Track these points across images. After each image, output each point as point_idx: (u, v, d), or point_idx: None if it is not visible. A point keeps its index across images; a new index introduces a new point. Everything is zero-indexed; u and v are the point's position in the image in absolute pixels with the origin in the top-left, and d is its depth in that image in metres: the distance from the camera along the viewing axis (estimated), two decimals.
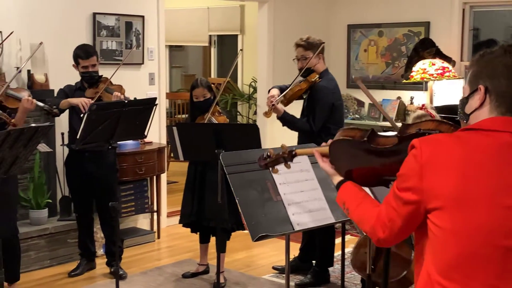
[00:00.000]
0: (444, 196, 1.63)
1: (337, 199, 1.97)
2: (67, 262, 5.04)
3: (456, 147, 1.66)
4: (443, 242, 1.65)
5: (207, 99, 4.56)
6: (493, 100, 1.68)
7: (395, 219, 1.72)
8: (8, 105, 4.02)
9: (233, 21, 8.98)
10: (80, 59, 4.59)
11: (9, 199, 4.13)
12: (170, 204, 6.27)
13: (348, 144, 1.96)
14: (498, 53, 1.70)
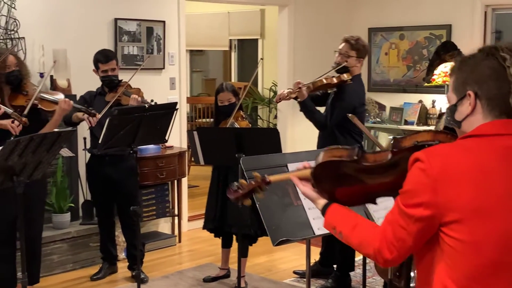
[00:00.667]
0: (461, 208, 1.59)
1: (325, 225, 1.88)
2: (90, 265, 5.07)
3: (464, 157, 1.62)
4: (462, 254, 1.61)
5: (231, 104, 4.56)
6: (484, 105, 1.66)
7: (405, 238, 1.65)
8: (44, 107, 4.08)
9: (254, 25, 9.00)
10: (100, 64, 4.63)
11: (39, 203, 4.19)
12: (191, 208, 6.29)
13: (337, 165, 1.86)
14: (480, 57, 1.68)
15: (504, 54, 1.64)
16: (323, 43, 7.10)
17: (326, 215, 1.87)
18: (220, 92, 4.59)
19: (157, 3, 5.88)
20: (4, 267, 4.13)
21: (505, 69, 1.62)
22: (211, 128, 4.62)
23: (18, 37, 4.97)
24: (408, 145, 1.80)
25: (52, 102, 4.12)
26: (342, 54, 4.53)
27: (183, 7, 6.10)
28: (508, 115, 1.65)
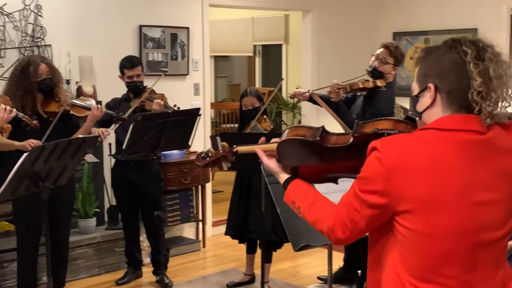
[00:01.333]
0: (414, 199, 1.60)
1: (285, 198, 1.91)
2: (115, 270, 5.11)
3: (421, 149, 1.62)
4: (414, 244, 1.63)
5: (255, 108, 4.58)
6: (444, 98, 1.66)
7: (358, 220, 1.68)
8: (76, 113, 4.14)
9: (278, 30, 9.01)
10: (125, 69, 4.68)
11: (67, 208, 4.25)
12: (215, 213, 6.31)
13: (299, 143, 1.88)
14: (444, 49, 1.67)
15: (466, 48, 1.63)
16: (347, 48, 7.09)
17: (287, 189, 1.91)
18: (244, 97, 4.62)
19: (181, 9, 5.93)
20: (26, 272, 4.19)
21: (466, 63, 1.62)
22: (235, 133, 4.64)
23: (44, 45, 5.05)
24: (368, 131, 1.82)
25: (84, 108, 4.19)
26: (379, 60, 4.50)
27: (207, 13, 6.14)
28: (467, 109, 1.64)
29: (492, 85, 1.61)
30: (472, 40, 1.66)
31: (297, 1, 6.93)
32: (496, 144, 1.66)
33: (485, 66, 1.62)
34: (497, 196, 1.65)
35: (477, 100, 1.61)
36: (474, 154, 1.63)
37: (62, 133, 3.91)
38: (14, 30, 4.92)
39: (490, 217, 1.64)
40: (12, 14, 4.89)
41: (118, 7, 5.51)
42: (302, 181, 1.91)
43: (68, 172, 3.44)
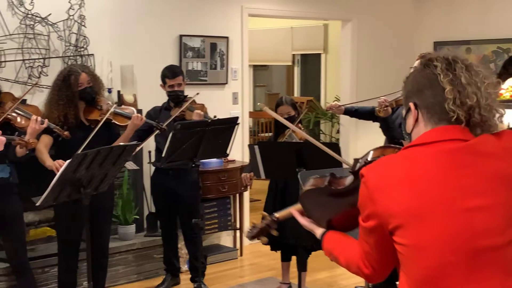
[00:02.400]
0: (400, 214, 1.62)
1: (324, 252, 1.95)
2: (153, 277, 5.17)
3: (401, 165, 1.66)
4: (410, 259, 1.63)
5: (291, 117, 4.60)
6: (424, 113, 1.70)
7: (370, 252, 1.72)
8: (117, 122, 4.23)
9: (317, 40, 9.01)
10: (167, 79, 4.74)
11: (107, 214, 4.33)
12: (253, 221, 6.32)
13: (314, 193, 1.96)
14: (418, 69, 1.74)
15: (437, 63, 1.69)
16: (387, 58, 7.05)
17: (323, 243, 1.95)
18: (279, 106, 4.65)
19: (221, 19, 5.99)
20: (66, 276, 4.27)
21: (437, 76, 1.67)
22: (272, 142, 4.65)
23: (87, 54, 5.16)
24: (362, 164, 1.86)
25: (125, 117, 4.26)
26: None
27: (247, 23, 6.19)
28: (448, 121, 1.67)
29: (466, 91, 1.65)
30: (444, 55, 1.71)
31: (337, 11, 6.93)
32: (480, 149, 1.65)
33: (455, 75, 1.66)
34: (490, 201, 1.62)
35: (453, 109, 1.65)
36: (455, 161, 1.63)
37: (103, 141, 3.99)
38: (58, 40, 5.04)
39: (486, 223, 1.61)
40: (57, 24, 5.02)
41: (159, 17, 5.60)
42: (334, 231, 1.95)
43: (109, 179, 3.51)
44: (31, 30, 4.90)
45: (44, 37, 4.98)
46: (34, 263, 4.41)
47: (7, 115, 3.77)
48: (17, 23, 4.85)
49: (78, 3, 5.10)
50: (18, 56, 4.82)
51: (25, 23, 4.88)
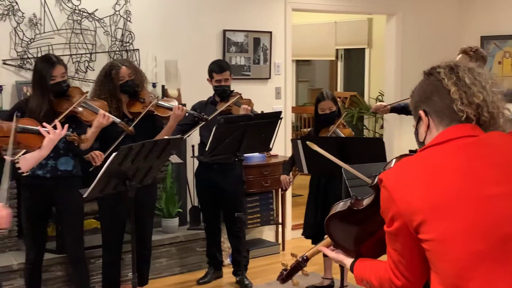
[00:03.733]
0: (421, 209, 1.62)
1: (356, 281, 1.93)
2: (196, 270, 5.21)
3: (418, 163, 1.70)
4: (438, 255, 1.62)
5: (332, 112, 4.58)
6: (434, 119, 1.75)
7: (400, 259, 1.70)
8: (159, 113, 4.28)
9: (361, 34, 8.93)
10: (214, 73, 4.75)
11: (150, 207, 4.39)
12: (295, 216, 6.32)
13: (338, 218, 1.95)
14: (424, 79, 1.81)
15: (440, 70, 1.76)
16: (432, 53, 6.94)
17: (355, 271, 1.94)
18: (321, 101, 4.62)
19: (264, 14, 5.99)
20: (110, 267, 4.35)
21: (442, 81, 1.73)
22: (316, 137, 4.63)
23: (133, 49, 5.23)
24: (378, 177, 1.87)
25: (167, 108, 4.31)
26: None
27: (290, 18, 6.17)
28: (458, 121, 1.72)
29: (471, 91, 1.70)
30: (446, 63, 1.78)
31: (381, 5, 6.86)
32: (492, 142, 1.70)
33: (458, 77, 1.72)
34: (510, 188, 1.64)
35: (461, 109, 1.69)
36: (471, 154, 1.67)
37: (147, 133, 4.04)
38: (105, 35, 5.12)
39: (509, 209, 1.62)
40: (103, 19, 5.10)
41: (203, 12, 5.63)
42: (363, 258, 1.95)
43: (154, 172, 3.55)
44: (78, 25, 5.00)
45: (90, 32, 5.07)
46: None
47: (74, 108, 3.84)
48: (65, 18, 4.95)
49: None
50: (65, 51, 4.91)
51: (73, 19, 4.97)
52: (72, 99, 3.90)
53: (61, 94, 3.88)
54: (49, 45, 4.87)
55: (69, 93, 3.93)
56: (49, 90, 3.81)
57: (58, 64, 3.85)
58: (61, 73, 3.86)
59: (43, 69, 3.81)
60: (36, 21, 4.81)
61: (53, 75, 3.81)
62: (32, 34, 4.81)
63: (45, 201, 3.90)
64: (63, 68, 3.89)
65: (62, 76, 3.86)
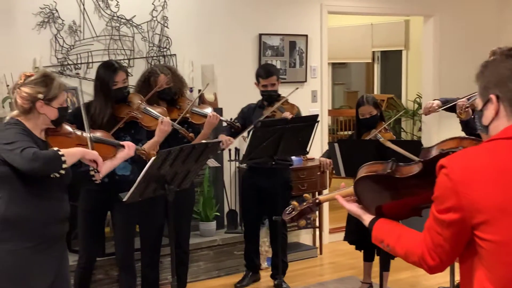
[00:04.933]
0: (488, 209, 1.57)
1: (373, 239, 1.91)
2: (234, 273, 5.22)
3: (486, 158, 1.61)
4: (496, 256, 1.58)
5: (373, 116, 4.53)
6: (507, 107, 1.65)
7: (443, 244, 1.66)
8: (194, 121, 4.31)
9: (397, 36, 8.86)
10: (260, 78, 4.75)
11: (187, 211, 4.42)
12: (332, 220, 6.30)
13: (373, 180, 1.91)
14: (499, 59, 1.68)
15: None
16: (471, 54, 6.83)
17: (373, 230, 1.92)
18: (361, 106, 4.58)
19: (300, 17, 5.99)
20: (150, 271, 4.39)
21: None
22: (352, 140, 4.61)
23: (170, 54, 5.28)
24: (434, 154, 1.84)
25: (201, 115, 4.32)
26: None
27: (326, 21, 6.16)
28: None
29: None
30: None
31: (418, 6, 6.79)
32: None
33: None
34: None
35: None
36: None
37: (182, 140, 4.07)
38: (142, 41, 5.19)
39: None
40: (141, 25, 5.17)
41: (238, 16, 5.66)
42: (385, 219, 1.92)
43: (192, 176, 3.57)
44: (116, 31, 5.07)
45: (129, 38, 5.14)
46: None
47: (134, 114, 3.90)
48: (104, 25, 5.03)
49: (161, 4, 5.24)
50: (104, 57, 4.99)
51: (111, 25, 5.05)
52: (132, 105, 3.95)
53: (122, 100, 3.95)
54: (89, 51, 4.96)
55: (129, 99, 3.99)
56: (112, 95, 3.88)
57: (120, 70, 3.92)
58: (122, 79, 3.91)
59: (106, 75, 3.87)
60: (76, 28, 4.90)
61: (115, 80, 3.88)
62: (72, 41, 4.90)
63: (102, 206, 3.96)
64: (125, 74, 3.96)
65: (123, 82, 3.92)
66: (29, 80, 2.91)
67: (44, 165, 2.71)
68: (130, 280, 4.07)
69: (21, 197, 2.82)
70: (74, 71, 4.90)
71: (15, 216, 2.81)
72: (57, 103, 2.94)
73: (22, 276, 2.84)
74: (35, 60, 4.70)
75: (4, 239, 2.81)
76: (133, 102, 3.98)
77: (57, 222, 2.95)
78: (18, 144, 2.74)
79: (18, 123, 2.88)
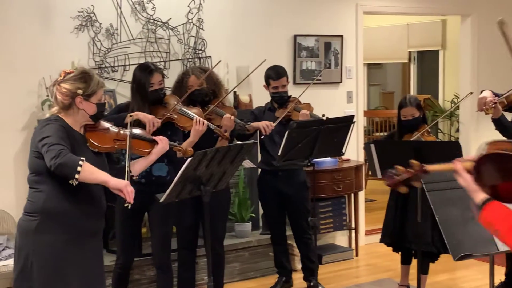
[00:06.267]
0: None
1: (481, 220, 1.83)
2: (269, 274, 5.20)
3: None
4: None
5: (415, 118, 4.46)
6: None
7: None
8: (213, 122, 4.30)
9: (434, 36, 8.75)
10: (271, 80, 4.72)
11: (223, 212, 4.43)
12: (368, 222, 6.25)
13: (502, 158, 1.82)
14: None
15: None
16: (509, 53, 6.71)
17: (484, 210, 1.84)
18: (403, 107, 4.47)
19: (335, 18, 5.96)
20: (185, 270, 4.42)
21: None
22: (389, 141, 4.57)
23: (205, 56, 5.31)
24: None
25: (219, 115, 4.29)
26: None
27: (361, 21, 6.12)
28: None
29: None
30: None
31: (456, 6, 6.70)
32: None
33: None
34: None
35: None
36: None
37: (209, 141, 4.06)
38: (178, 43, 5.23)
39: None
40: (176, 28, 5.21)
41: (273, 18, 5.67)
42: (500, 203, 1.86)
43: (227, 177, 3.58)
44: (152, 34, 5.12)
45: (164, 40, 5.18)
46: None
47: (170, 115, 3.94)
48: (140, 28, 5.09)
49: (197, 7, 5.27)
50: (141, 60, 5.04)
51: (147, 28, 5.10)
52: (168, 106, 3.99)
53: (158, 101, 3.99)
54: (125, 54, 5.02)
55: (165, 100, 4.03)
56: (148, 97, 3.93)
57: (156, 72, 3.96)
58: (158, 80, 3.96)
59: (142, 77, 3.93)
60: (113, 31, 4.97)
61: (151, 82, 3.92)
62: (109, 44, 4.97)
63: (139, 206, 3.99)
64: (160, 75, 4.00)
65: (159, 83, 3.97)
66: (68, 77, 3.00)
67: (61, 166, 2.75)
68: (167, 280, 4.09)
69: (58, 191, 2.90)
70: (111, 74, 4.96)
71: (53, 209, 2.91)
72: (96, 98, 3.03)
73: (57, 267, 2.91)
74: (73, 63, 4.77)
75: (43, 231, 2.90)
76: (169, 103, 4.01)
77: (93, 218, 3.04)
78: (49, 140, 2.81)
79: (57, 119, 2.97)
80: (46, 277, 2.91)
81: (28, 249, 2.92)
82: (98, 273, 3.12)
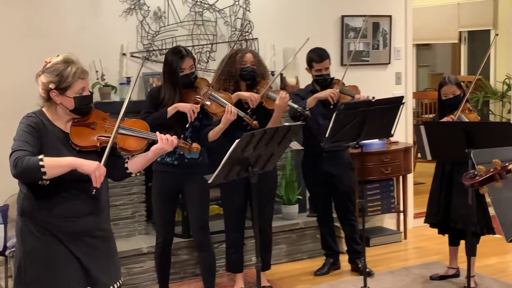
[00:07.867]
0: None
1: None
2: (316, 256, 5.21)
3: None
4: None
5: (456, 96, 4.42)
6: None
7: None
8: (267, 106, 4.30)
9: (485, 15, 8.53)
10: (314, 63, 4.69)
11: (270, 194, 4.45)
12: (417, 205, 6.17)
13: None
14: None
15: None
16: None
17: None
18: (443, 86, 4.47)
19: None
20: (233, 251, 4.46)
21: None
22: (439, 122, 4.49)
23: (252, 38, 5.31)
24: None
25: (272, 99, 4.29)
26: None
27: (411, 1, 6.01)
28: None
29: None
30: None
31: None
32: None
33: None
34: None
35: None
36: None
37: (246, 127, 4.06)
38: (225, 25, 5.24)
39: None
40: (223, 10, 5.21)
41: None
42: None
43: (275, 159, 3.58)
44: (199, 17, 5.14)
45: (211, 23, 5.19)
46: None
47: (202, 100, 3.93)
48: (187, 11, 5.11)
49: None
50: (188, 43, 5.07)
51: (194, 11, 5.12)
52: (200, 90, 4.01)
53: (189, 85, 4.01)
54: (173, 37, 5.05)
55: (196, 84, 4.05)
56: (179, 81, 3.95)
57: (187, 56, 3.96)
58: (189, 65, 3.97)
59: (173, 62, 3.94)
60: (161, 14, 5.00)
61: (183, 67, 3.93)
62: (157, 27, 5.00)
63: (173, 187, 4.05)
64: (192, 60, 4.00)
65: (190, 68, 3.97)
66: (45, 68, 2.76)
67: (23, 173, 2.57)
68: (208, 259, 4.14)
69: (35, 193, 2.72)
70: (159, 57, 5.00)
71: (29, 210, 2.74)
72: (72, 92, 2.73)
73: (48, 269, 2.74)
74: (122, 46, 4.84)
75: (27, 233, 2.75)
76: (200, 87, 4.03)
77: (71, 219, 2.75)
78: (13, 145, 2.63)
79: (33, 115, 2.75)
80: (40, 281, 2.74)
81: (18, 254, 2.77)
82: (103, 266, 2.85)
